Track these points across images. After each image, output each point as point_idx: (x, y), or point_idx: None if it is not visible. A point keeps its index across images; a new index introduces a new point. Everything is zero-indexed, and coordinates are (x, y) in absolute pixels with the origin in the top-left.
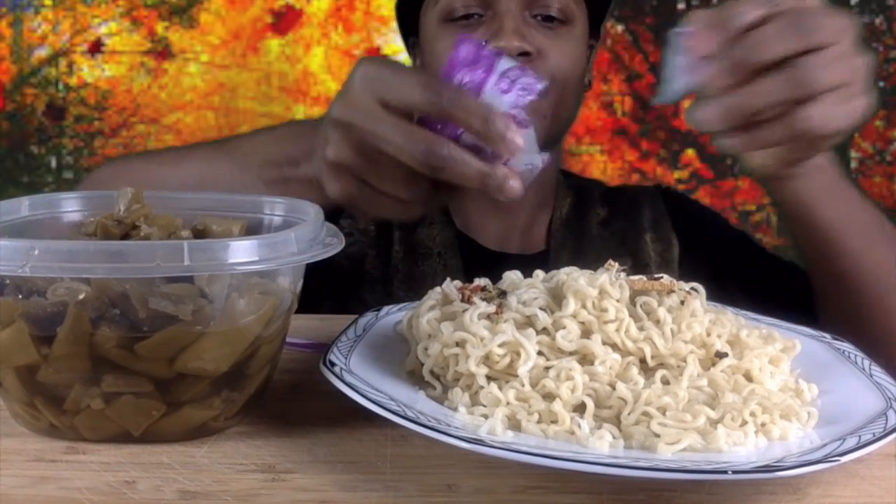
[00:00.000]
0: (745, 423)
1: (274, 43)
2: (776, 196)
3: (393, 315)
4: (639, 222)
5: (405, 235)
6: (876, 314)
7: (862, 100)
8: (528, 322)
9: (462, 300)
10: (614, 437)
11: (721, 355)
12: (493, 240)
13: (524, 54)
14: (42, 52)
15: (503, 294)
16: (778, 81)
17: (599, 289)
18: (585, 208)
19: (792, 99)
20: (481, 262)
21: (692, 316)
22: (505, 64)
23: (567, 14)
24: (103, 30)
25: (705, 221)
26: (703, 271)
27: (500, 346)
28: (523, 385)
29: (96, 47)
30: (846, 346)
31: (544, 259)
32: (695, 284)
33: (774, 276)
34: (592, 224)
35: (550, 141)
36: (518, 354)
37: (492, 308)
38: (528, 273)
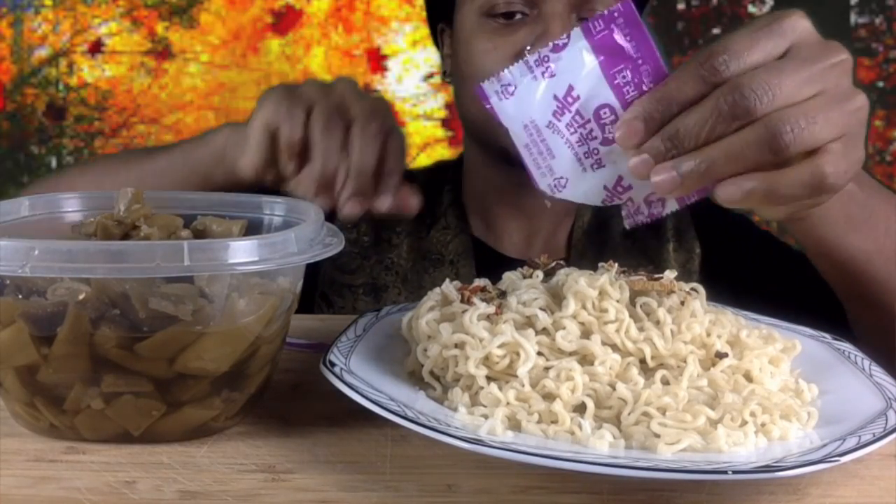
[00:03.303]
0: (745, 423)
1: (274, 43)
2: (794, 235)
3: (393, 315)
4: (662, 232)
5: (415, 242)
6: None
7: (860, 149)
8: (527, 322)
9: (462, 301)
10: (614, 438)
11: (721, 355)
12: (514, 246)
13: None
14: (42, 53)
15: (503, 294)
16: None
17: (599, 289)
18: (607, 217)
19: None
20: (496, 270)
21: (692, 316)
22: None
23: None
24: (103, 30)
25: (728, 223)
26: (725, 277)
27: (500, 346)
28: (523, 385)
29: (96, 47)
30: (846, 346)
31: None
32: (695, 285)
33: (803, 281)
34: (615, 234)
35: None
36: (518, 355)
37: (491, 309)
38: None
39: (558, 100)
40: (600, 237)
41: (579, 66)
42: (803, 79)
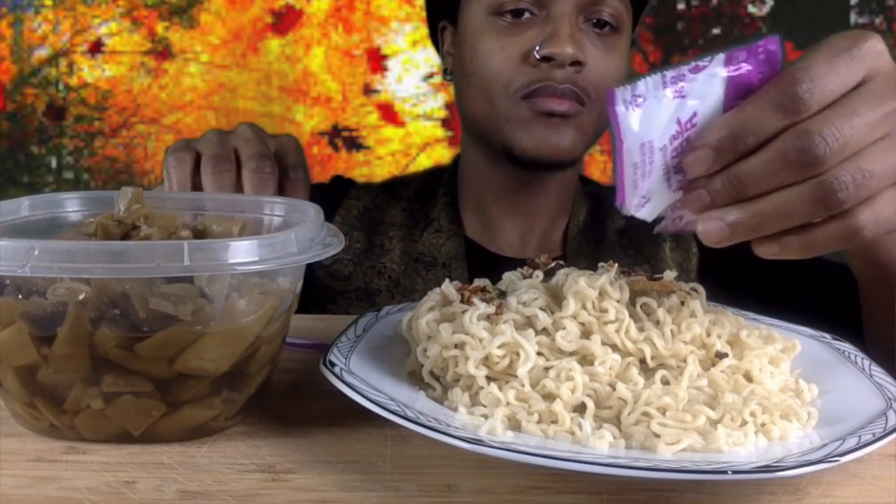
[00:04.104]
0: (745, 423)
1: (274, 43)
2: None
3: (393, 315)
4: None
5: (407, 246)
6: None
7: None
8: (527, 323)
9: (462, 301)
10: (614, 438)
11: (721, 355)
12: (510, 246)
13: (576, 63)
14: (42, 53)
15: (503, 294)
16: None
17: (599, 289)
18: (603, 216)
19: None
20: (489, 271)
21: (692, 316)
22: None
23: (618, 21)
24: (103, 30)
25: None
26: (723, 277)
27: (500, 347)
28: (523, 385)
29: (96, 47)
30: (846, 346)
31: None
32: (694, 285)
33: (799, 282)
34: (610, 233)
35: (585, 151)
36: (517, 355)
37: (491, 309)
38: None
39: (679, 124)
40: (596, 236)
41: (708, 94)
42: (873, 121)
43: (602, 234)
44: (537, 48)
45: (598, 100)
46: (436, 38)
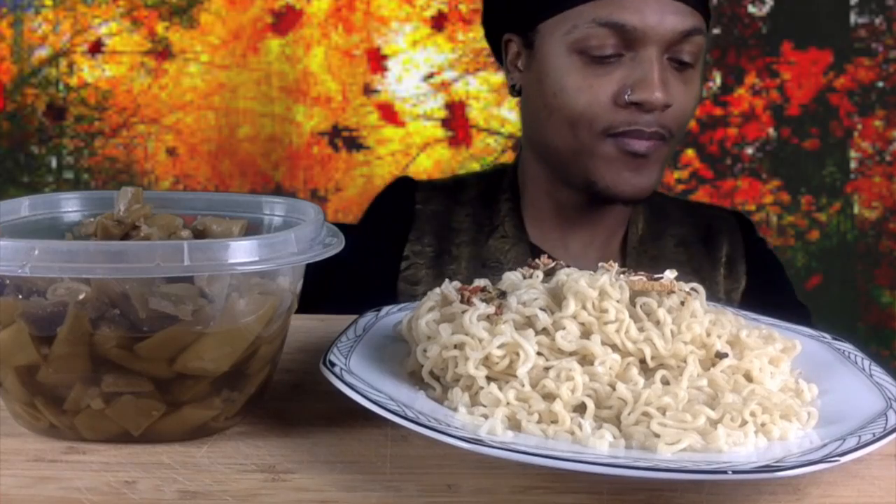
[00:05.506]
0: (745, 423)
1: (274, 43)
2: None
3: (393, 315)
4: (716, 256)
5: (475, 251)
6: None
7: None
8: (527, 323)
9: (461, 301)
10: (614, 438)
11: (721, 356)
12: (570, 256)
13: (664, 106)
14: (42, 53)
15: (503, 295)
16: None
17: (599, 290)
18: (662, 226)
19: None
20: None
21: (692, 316)
22: None
23: (696, 57)
24: (103, 30)
25: (776, 276)
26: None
27: (499, 347)
28: (523, 385)
29: (96, 47)
30: (846, 346)
31: None
32: (694, 285)
33: None
34: (669, 245)
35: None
36: (517, 355)
37: (491, 309)
38: None
39: None
40: (655, 248)
41: None
42: None
43: (661, 246)
44: (628, 92)
45: (677, 134)
46: (494, 45)
